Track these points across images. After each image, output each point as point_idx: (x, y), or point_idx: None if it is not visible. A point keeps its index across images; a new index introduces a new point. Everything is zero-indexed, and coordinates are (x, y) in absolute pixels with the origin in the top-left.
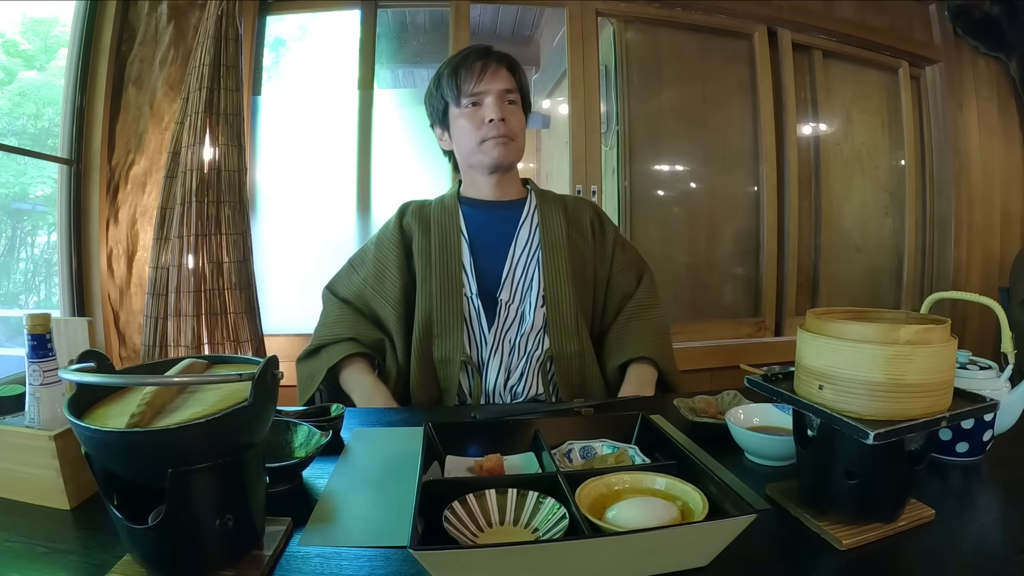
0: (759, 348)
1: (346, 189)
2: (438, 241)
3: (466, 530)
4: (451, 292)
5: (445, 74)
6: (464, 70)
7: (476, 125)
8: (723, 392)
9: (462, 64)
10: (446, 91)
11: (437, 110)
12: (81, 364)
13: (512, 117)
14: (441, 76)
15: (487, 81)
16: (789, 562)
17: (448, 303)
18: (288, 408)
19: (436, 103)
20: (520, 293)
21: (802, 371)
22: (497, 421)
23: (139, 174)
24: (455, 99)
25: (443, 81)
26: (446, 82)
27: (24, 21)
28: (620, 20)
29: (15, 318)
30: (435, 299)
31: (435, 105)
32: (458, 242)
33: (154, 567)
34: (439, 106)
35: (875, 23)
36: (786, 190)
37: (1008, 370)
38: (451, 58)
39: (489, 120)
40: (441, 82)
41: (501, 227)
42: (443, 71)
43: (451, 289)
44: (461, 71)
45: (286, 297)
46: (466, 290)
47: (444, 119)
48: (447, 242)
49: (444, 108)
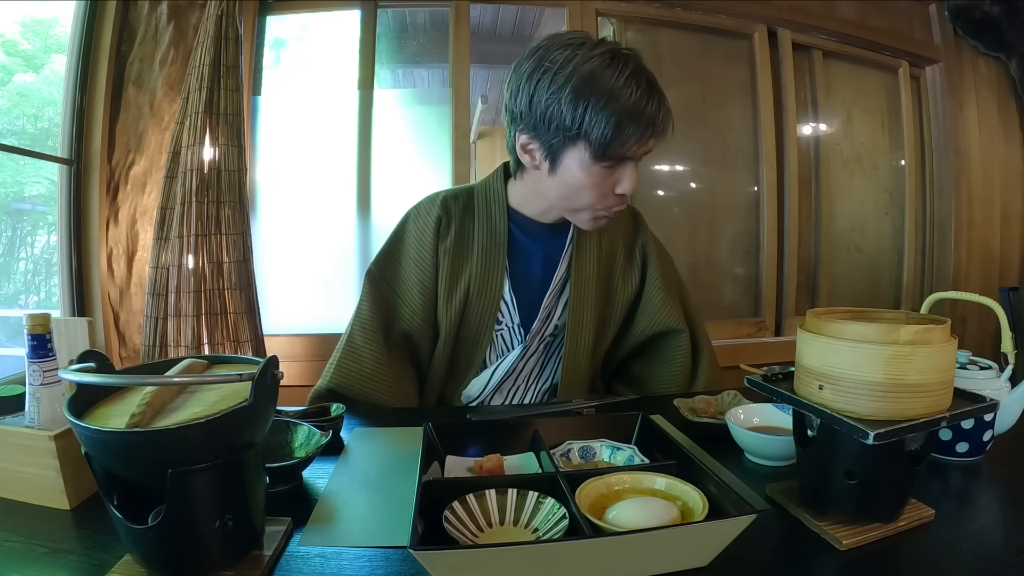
0: (759, 348)
1: (346, 189)
2: (479, 282)
3: (466, 530)
4: (482, 329)
5: (603, 110)
6: (633, 127)
7: (604, 191)
8: (723, 392)
9: (633, 118)
10: (591, 129)
11: (553, 131)
12: (81, 364)
13: None
14: (592, 107)
15: (643, 147)
16: (789, 562)
17: (478, 345)
18: (288, 408)
19: (559, 122)
20: (544, 328)
21: (802, 371)
22: (497, 421)
23: (139, 174)
24: (597, 151)
25: (591, 114)
26: (598, 120)
27: (24, 21)
28: (620, 20)
29: (15, 318)
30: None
31: (553, 122)
32: (502, 279)
33: (154, 567)
34: (563, 132)
35: (875, 23)
36: (786, 190)
37: (1008, 370)
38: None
39: (620, 193)
40: (588, 112)
41: (544, 257)
42: (599, 102)
43: (484, 325)
44: (628, 127)
45: (286, 297)
46: (506, 321)
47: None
48: (489, 281)
49: (567, 140)
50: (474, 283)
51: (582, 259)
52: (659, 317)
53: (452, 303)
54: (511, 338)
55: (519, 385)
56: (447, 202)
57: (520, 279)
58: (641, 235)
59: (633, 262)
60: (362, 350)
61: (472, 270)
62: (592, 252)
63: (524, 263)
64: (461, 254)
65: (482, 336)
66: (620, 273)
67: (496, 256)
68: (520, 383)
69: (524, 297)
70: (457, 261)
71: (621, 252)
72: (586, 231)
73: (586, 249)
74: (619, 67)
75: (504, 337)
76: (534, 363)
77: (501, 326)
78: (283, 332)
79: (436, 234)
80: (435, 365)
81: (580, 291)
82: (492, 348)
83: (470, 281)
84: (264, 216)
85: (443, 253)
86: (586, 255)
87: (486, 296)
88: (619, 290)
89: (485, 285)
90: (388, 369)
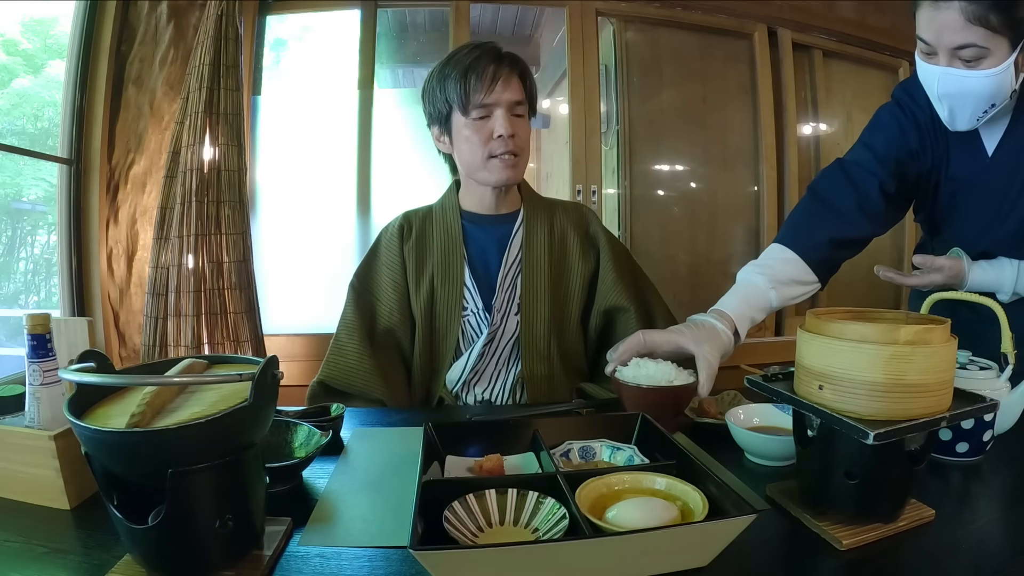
0: (759, 348)
1: (346, 189)
2: (441, 271)
3: (466, 530)
4: (451, 316)
5: (453, 76)
6: (475, 77)
7: (483, 139)
8: (724, 392)
9: (472, 69)
10: (451, 95)
11: (439, 112)
12: (81, 364)
13: (520, 131)
14: (447, 77)
15: (498, 91)
16: (789, 562)
17: (448, 331)
18: (288, 408)
19: (438, 104)
20: (504, 309)
21: (802, 371)
22: (497, 421)
23: (139, 174)
24: (462, 107)
25: (448, 84)
26: (453, 86)
27: (24, 21)
28: (620, 20)
29: (15, 318)
30: (439, 326)
31: (436, 106)
32: (461, 267)
33: (154, 567)
34: (442, 108)
35: (875, 23)
36: (786, 190)
37: (1008, 370)
38: (458, 56)
39: (498, 136)
40: (446, 84)
41: (497, 244)
42: (450, 72)
43: (451, 312)
44: (471, 77)
45: (286, 297)
46: (471, 307)
47: (446, 123)
48: (450, 271)
49: (448, 112)
50: (437, 273)
51: (532, 241)
52: (611, 295)
53: (420, 293)
54: (478, 324)
55: (500, 370)
56: (408, 215)
57: (478, 266)
58: (592, 226)
59: (588, 246)
60: (347, 346)
61: (434, 261)
62: (542, 235)
63: (479, 251)
64: (423, 250)
65: (452, 322)
66: (577, 254)
67: (453, 248)
68: (500, 368)
69: (484, 282)
70: (420, 256)
71: (574, 237)
72: (534, 220)
73: (535, 233)
74: (469, 47)
75: (471, 323)
76: (504, 348)
77: (467, 312)
78: (283, 332)
79: (400, 238)
80: (416, 358)
81: (532, 268)
82: (463, 336)
83: (434, 271)
84: (264, 216)
85: (408, 252)
86: (536, 238)
87: (450, 284)
88: (577, 268)
89: (447, 275)
90: (371, 361)
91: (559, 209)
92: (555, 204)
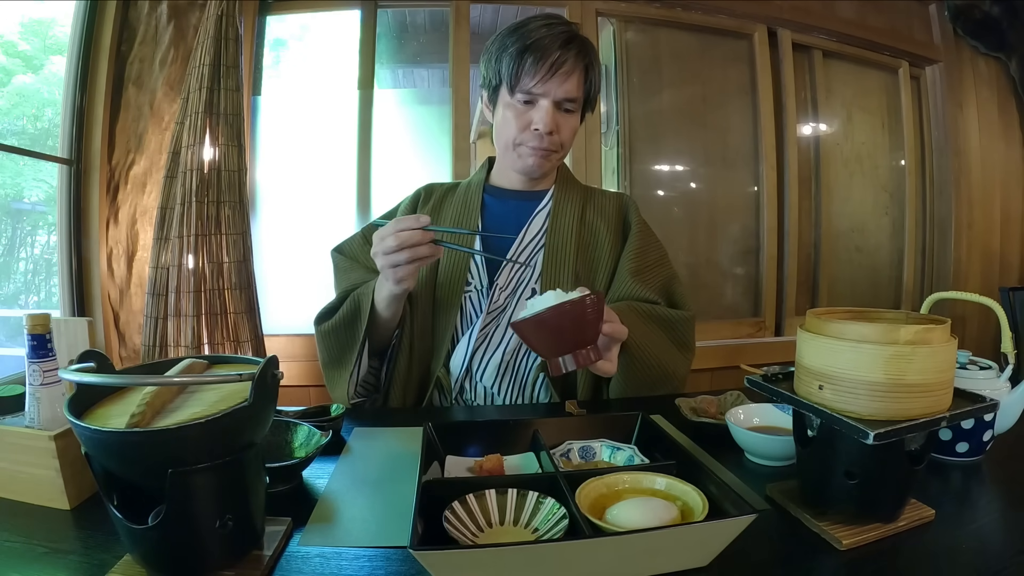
0: (759, 348)
1: (346, 189)
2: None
3: (466, 530)
4: (452, 289)
5: (511, 51)
6: (531, 60)
7: (521, 126)
8: (726, 392)
9: (532, 50)
10: (504, 70)
11: (489, 80)
12: (81, 364)
13: (565, 127)
14: (505, 49)
15: (553, 84)
16: (789, 562)
17: (450, 306)
18: (288, 408)
19: (490, 72)
20: (516, 280)
21: (802, 371)
22: (497, 421)
23: (139, 174)
24: (510, 86)
25: (504, 57)
26: (507, 61)
27: (23, 21)
28: (620, 20)
29: (15, 318)
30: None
31: (488, 74)
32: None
33: (154, 567)
34: (492, 79)
35: (875, 23)
36: (786, 190)
37: (1008, 370)
38: (525, 28)
39: (535, 128)
40: (502, 56)
41: (517, 218)
42: (510, 44)
43: (454, 285)
44: (528, 59)
45: (286, 297)
46: (475, 283)
47: (494, 93)
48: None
49: (496, 84)
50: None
51: (558, 224)
52: (624, 287)
53: None
54: (479, 301)
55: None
56: (431, 185)
57: (490, 238)
58: (629, 214)
59: (622, 235)
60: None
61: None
62: (571, 219)
63: (495, 223)
64: (436, 217)
65: (453, 297)
66: (609, 243)
67: (467, 217)
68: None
69: (494, 255)
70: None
71: (609, 225)
72: (564, 203)
73: (564, 215)
74: (543, 20)
75: (472, 301)
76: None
77: (470, 288)
78: (283, 332)
79: (415, 202)
80: (415, 334)
81: (556, 250)
82: (462, 315)
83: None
84: (264, 216)
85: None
86: (563, 220)
87: (457, 253)
88: (607, 257)
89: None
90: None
91: (597, 196)
92: (593, 191)
